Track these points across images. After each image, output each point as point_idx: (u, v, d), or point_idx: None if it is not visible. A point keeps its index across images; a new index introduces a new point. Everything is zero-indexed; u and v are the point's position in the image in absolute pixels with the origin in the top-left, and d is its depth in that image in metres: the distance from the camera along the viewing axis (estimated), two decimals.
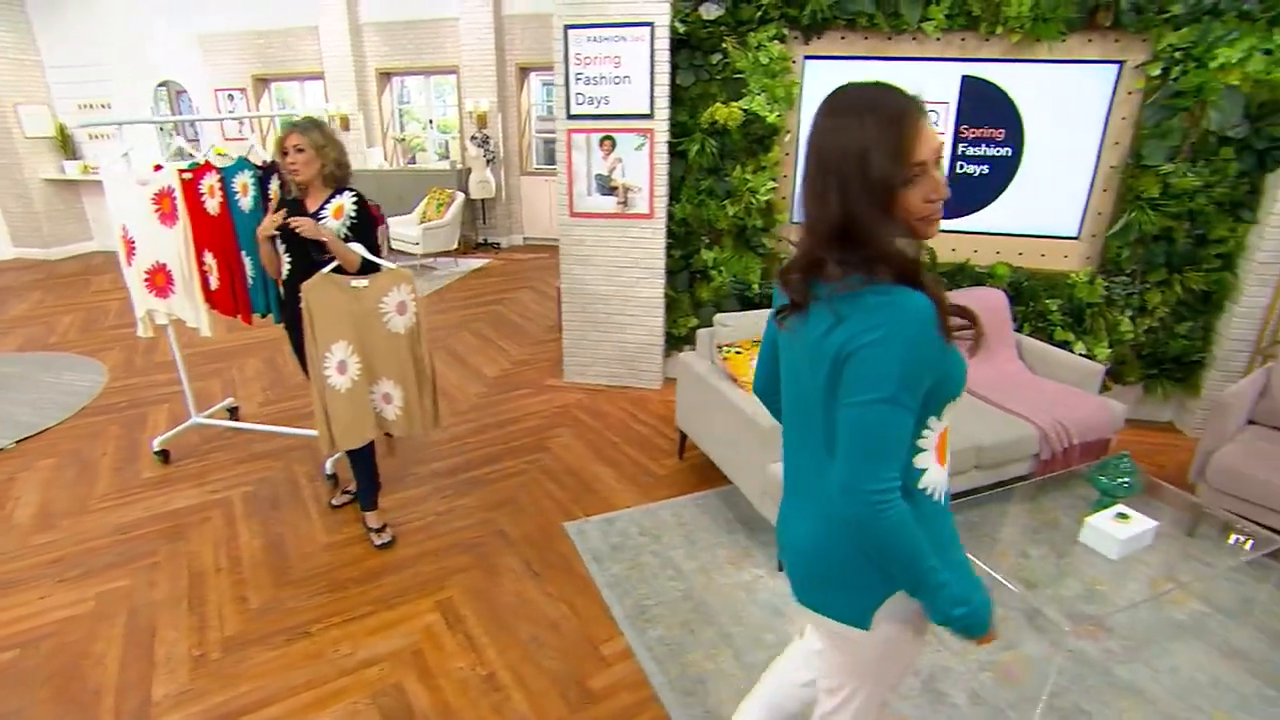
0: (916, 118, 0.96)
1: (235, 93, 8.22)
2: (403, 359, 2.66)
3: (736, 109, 3.51)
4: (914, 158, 0.95)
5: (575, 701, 1.98)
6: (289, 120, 2.42)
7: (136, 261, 3.06)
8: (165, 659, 2.12)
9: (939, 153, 0.98)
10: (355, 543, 2.69)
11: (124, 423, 3.68)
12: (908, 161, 0.95)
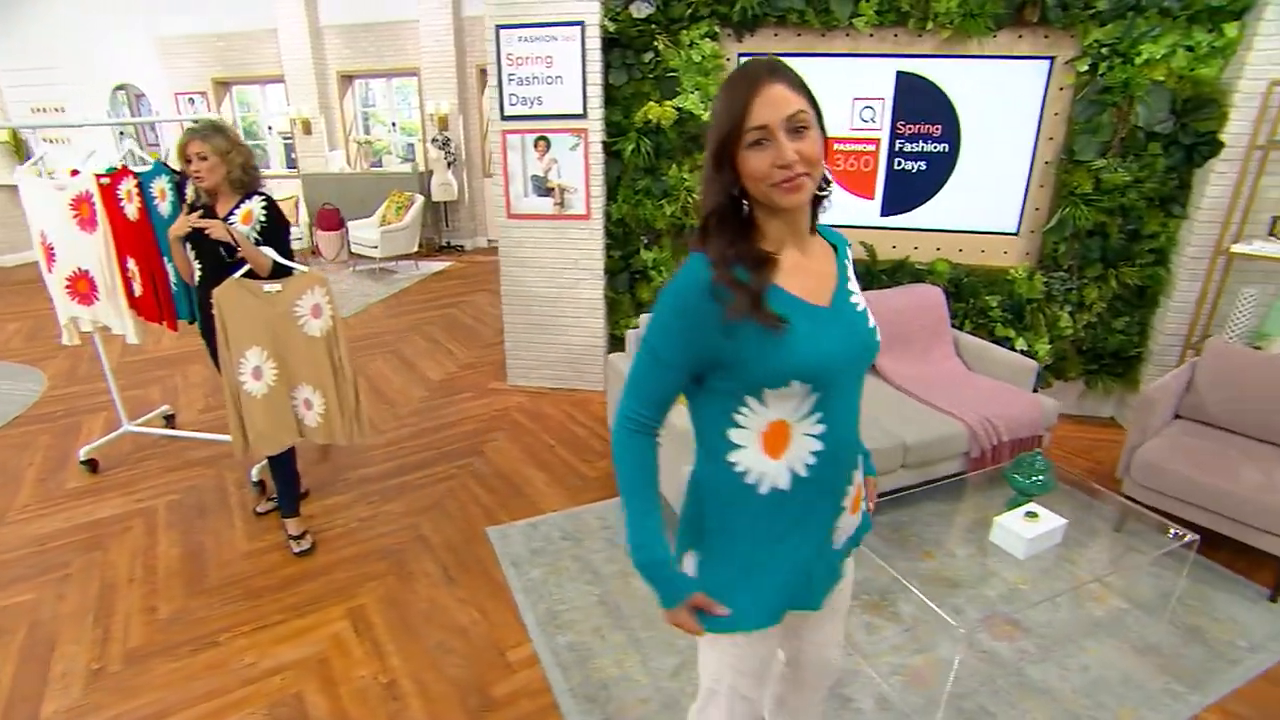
0: (762, 83, 0.95)
1: (196, 96, 8.17)
2: (320, 363, 2.64)
3: (670, 107, 3.51)
4: (753, 121, 0.95)
5: (474, 709, 1.97)
6: (190, 127, 2.39)
7: (57, 268, 3.02)
8: (61, 674, 2.10)
9: (794, 122, 0.95)
10: (275, 550, 2.67)
11: (57, 432, 3.65)
12: (745, 124, 0.95)
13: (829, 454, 1.06)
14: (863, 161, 3.64)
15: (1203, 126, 3.15)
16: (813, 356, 1.00)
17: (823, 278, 1.08)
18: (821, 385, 1.02)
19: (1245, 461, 2.60)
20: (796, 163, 0.95)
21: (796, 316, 1.00)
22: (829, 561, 1.18)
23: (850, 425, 1.11)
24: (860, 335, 1.08)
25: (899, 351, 3.29)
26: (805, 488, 1.07)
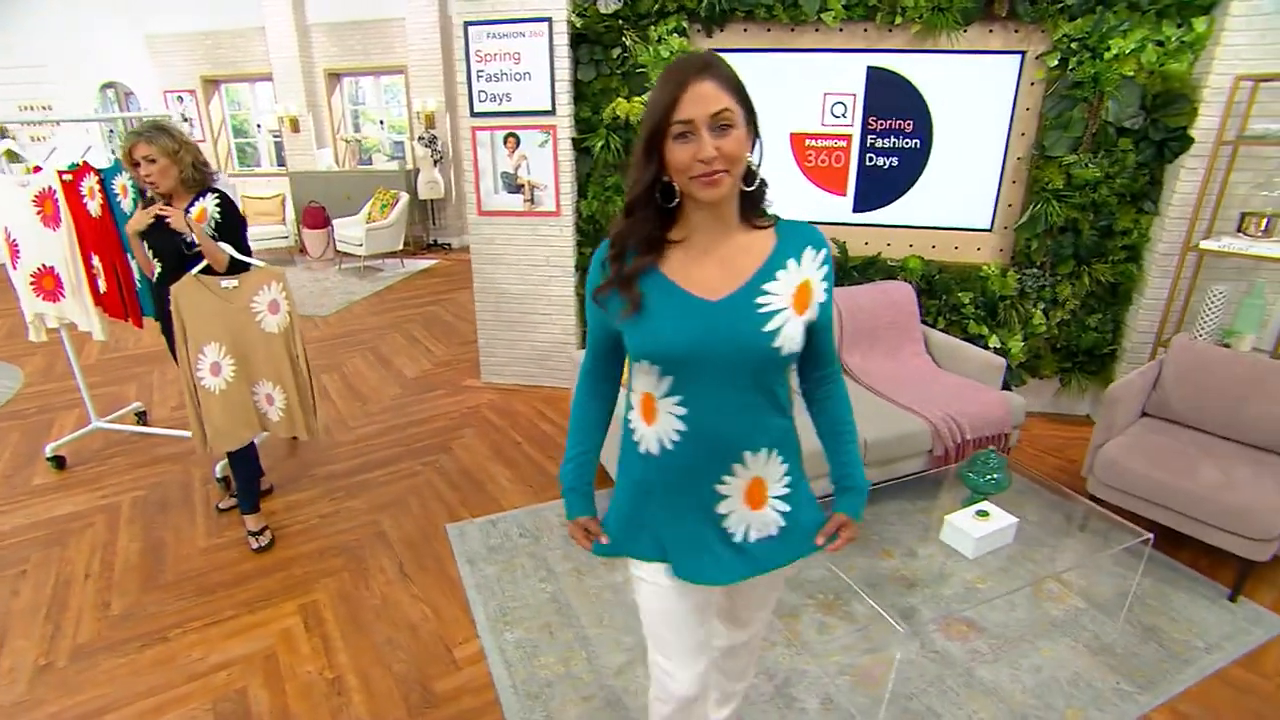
0: (691, 80, 1.00)
1: (185, 94, 8.20)
2: (279, 359, 2.65)
3: (639, 103, 3.50)
4: (679, 115, 1.00)
5: (416, 705, 1.98)
6: (133, 129, 2.38)
7: (21, 265, 3.04)
8: (8, 669, 2.11)
9: (719, 119, 1.00)
10: (234, 546, 2.69)
11: (27, 429, 3.67)
12: (671, 117, 1.00)
13: (693, 437, 1.13)
14: (834, 157, 3.64)
15: (1173, 122, 3.13)
16: (660, 341, 1.09)
17: (733, 272, 1.11)
18: (672, 370, 1.10)
19: (1205, 459, 2.59)
20: (715, 159, 1.00)
21: (663, 302, 1.09)
22: (724, 543, 1.20)
23: (725, 419, 1.12)
24: (739, 335, 1.08)
25: (866, 349, 3.28)
26: (671, 460, 1.16)
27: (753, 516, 1.20)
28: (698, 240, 1.11)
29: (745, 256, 1.12)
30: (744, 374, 1.11)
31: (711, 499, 1.18)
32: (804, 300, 1.12)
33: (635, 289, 1.08)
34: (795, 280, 1.12)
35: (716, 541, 1.20)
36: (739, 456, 1.15)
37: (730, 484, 1.17)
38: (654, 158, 1.05)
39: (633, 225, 1.10)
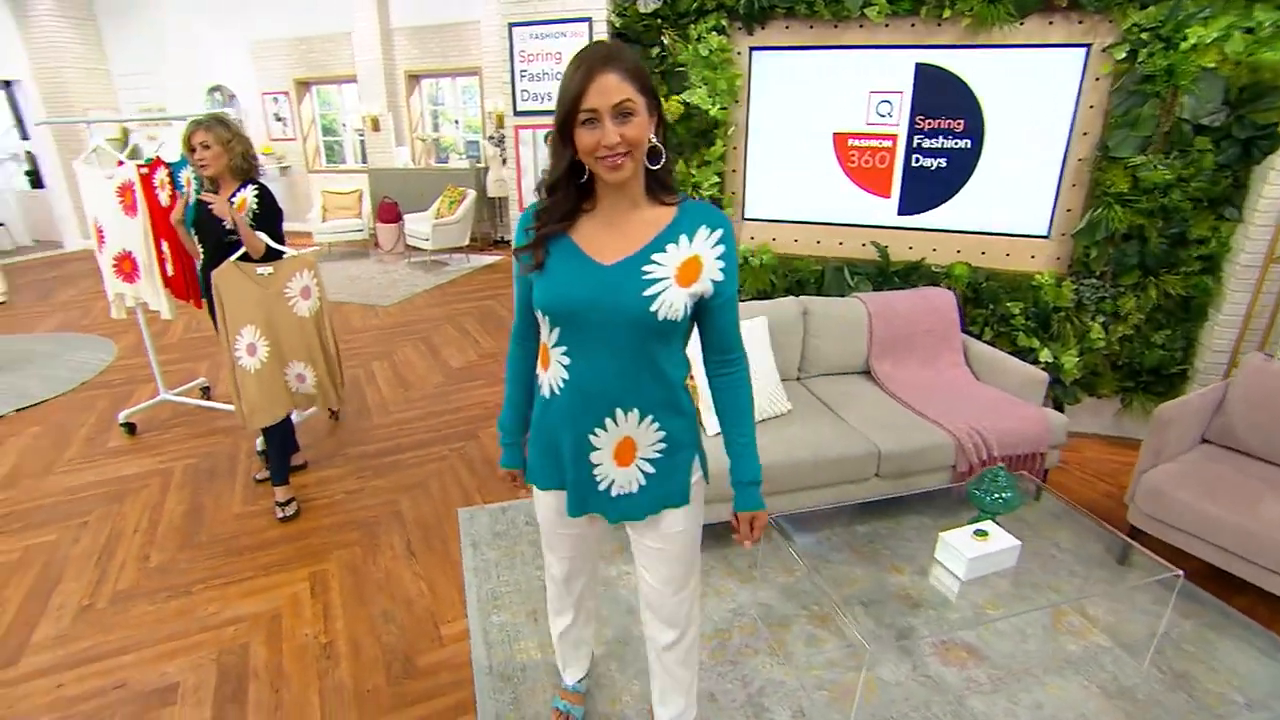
0: (596, 72, 1.12)
1: (280, 95, 8.89)
2: (310, 341, 2.86)
3: (675, 102, 3.53)
4: (585, 104, 1.12)
5: (396, 675, 2.09)
6: (195, 118, 2.65)
7: (106, 249, 3.42)
8: (58, 606, 2.39)
9: (621, 109, 1.13)
10: (263, 514, 2.91)
11: (112, 397, 4.11)
12: (579, 106, 1.13)
13: (574, 388, 1.30)
14: (879, 158, 3.53)
15: (1262, 118, 2.86)
16: (552, 295, 1.25)
17: (627, 241, 1.24)
18: (560, 322, 1.27)
19: (1271, 495, 2.36)
20: (618, 145, 1.14)
21: (564, 263, 1.25)
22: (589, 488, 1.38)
23: (603, 374, 1.27)
24: (621, 297, 1.22)
25: (900, 356, 3.18)
26: (555, 404, 1.34)
27: (617, 473, 1.36)
28: (605, 211, 1.26)
29: (642, 228, 1.25)
30: (622, 333, 1.23)
31: (586, 447, 1.34)
32: (689, 274, 1.23)
33: (541, 251, 1.25)
34: (683, 254, 1.23)
35: (587, 484, 1.38)
36: (610, 412, 1.30)
37: (601, 437, 1.32)
38: (567, 142, 1.18)
39: (555, 203, 1.26)
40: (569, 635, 1.82)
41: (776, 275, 3.74)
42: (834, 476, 2.61)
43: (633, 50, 1.21)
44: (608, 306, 1.22)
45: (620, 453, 1.33)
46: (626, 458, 1.34)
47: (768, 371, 2.81)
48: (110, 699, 2.01)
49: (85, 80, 7.65)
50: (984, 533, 2.12)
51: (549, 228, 1.25)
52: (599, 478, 1.36)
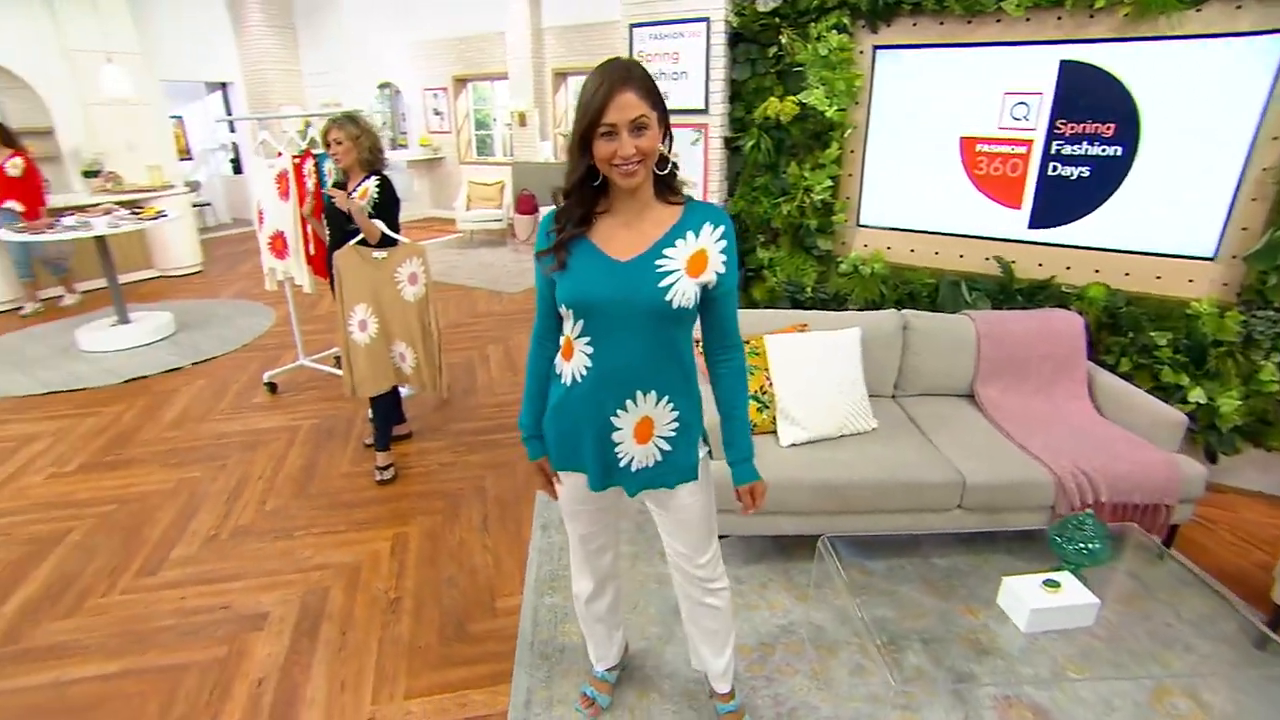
0: (615, 90, 1.25)
1: (439, 91, 9.68)
2: (411, 324, 3.14)
3: (791, 103, 3.48)
4: (605, 119, 1.26)
5: (448, 636, 2.27)
6: (331, 116, 2.99)
7: (264, 228, 3.94)
8: (192, 532, 2.82)
9: (637, 123, 1.26)
10: (365, 475, 3.24)
11: (264, 359, 4.72)
12: (599, 120, 1.26)
13: (596, 374, 1.42)
14: (1010, 165, 3.28)
15: None
16: (576, 291, 1.38)
17: (641, 239, 1.38)
18: (583, 315, 1.40)
19: None
20: (632, 156, 1.28)
21: (585, 261, 1.38)
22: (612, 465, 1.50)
23: (624, 360, 1.40)
24: (639, 289, 1.35)
25: (1008, 382, 2.94)
26: (577, 390, 1.46)
27: (637, 450, 1.49)
28: (619, 213, 1.40)
29: (654, 227, 1.39)
30: (640, 322, 1.37)
31: (609, 427, 1.46)
32: (698, 266, 1.36)
33: (564, 252, 1.39)
34: (691, 249, 1.37)
35: (610, 461, 1.50)
36: (631, 394, 1.43)
37: (623, 417, 1.45)
38: (585, 151, 1.31)
39: (571, 205, 1.39)
40: (592, 608, 1.89)
41: (887, 286, 3.58)
42: (910, 502, 2.48)
43: (645, 69, 1.30)
44: (627, 298, 1.35)
45: (640, 431, 1.47)
46: (645, 435, 1.48)
47: (853, 385, 2.71)
48: (216, 616, 2.35)
49: (281, 80, 8.77)
50: (1055, 584, 1.93)
51: (569, 232, 1.38)
52: (621, 455, 1.49)
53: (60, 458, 3.45)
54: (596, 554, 1.78)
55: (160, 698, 2.04)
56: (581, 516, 1.69)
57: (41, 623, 2.35)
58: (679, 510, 1.60)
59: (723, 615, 1.77)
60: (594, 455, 1.49)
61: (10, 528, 2.89)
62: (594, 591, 1.84)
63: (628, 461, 1.50)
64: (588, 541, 1.75)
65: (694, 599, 1.76)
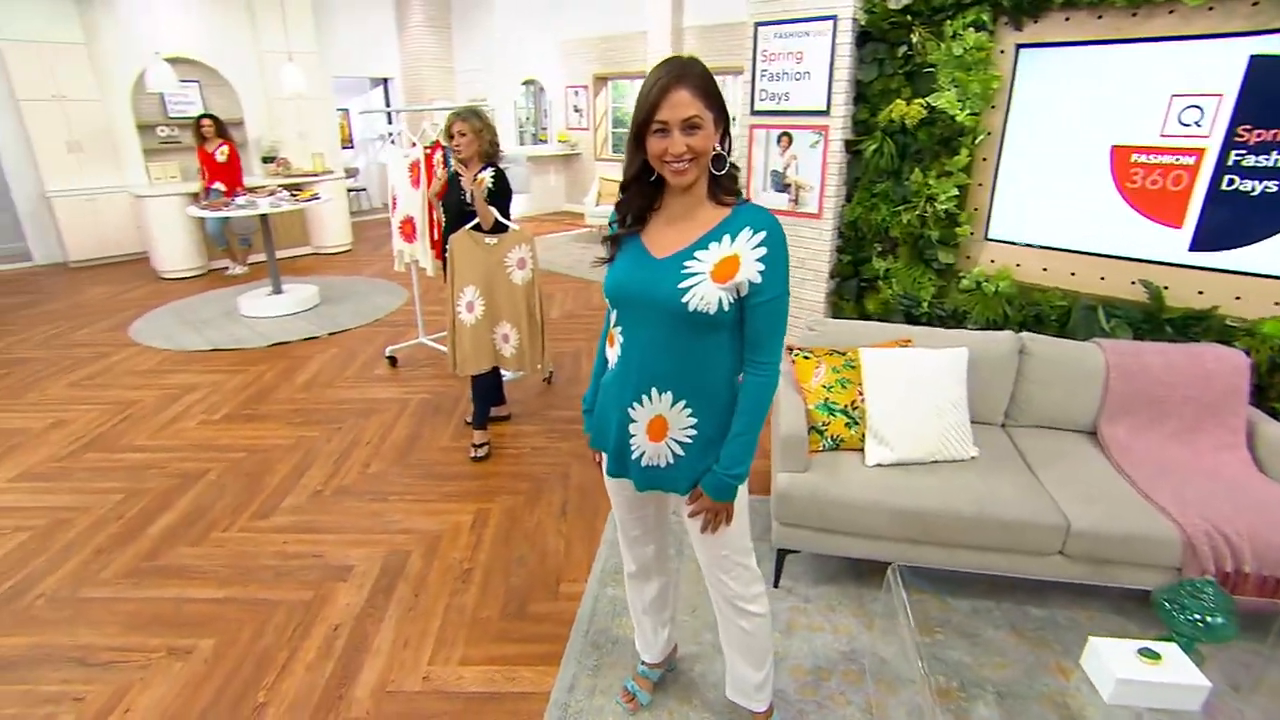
0: (670, 89, 1.28)
1: (580, 89, 10.04)
2: (518, 307, 3.30)
3: (919, 105, 3.32)
4: (658, 117, 1.29)
5: (509, 614, 2.38)
6: (455, 110, 3.20)
7: (396, 213, 4.29)
8: (303, 486, 3.14)
9: (689, 122, 1.28)
10: (461, 451, 3.45)
11: (390, 335, 5.14)
12: (652, 118, 1.29)
13: (623, 363, 1.48)
14: (1171, 178, 2.94)
15: None
16: (611, 283, 1.46)
17: (681, 238, 1.40)
18: (616, 306, 1.49)
19: None
20: (684, 154, 1.30)
21: (627, 256, 1.44)
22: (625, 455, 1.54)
23: (643, 355, 1.44)
24: (659, 286, 1.37)
25: (1142, 422, 2.64)
26: (613, 377, 1.53)
27: (649, 446, 1.51)
28: (670, 210, 1.43)
29: (695, 227, 1.39)
30: (660, 320, 1.39)
31: (626, 417, 1.50)
32: (725, 272, 1.34)
33: (615, 247, 1.47)
34: (722, 253, 1.35)
35: (624, 449, 1.54)
36: (647, 390, 1.45)
37: (638, 410, 1.48)
38: (640, 147, 1.35)
39: (629, 199, 1.44)
40: (638, 590, 1.92)
41: (1012, 307, 3.33)
42: (1003, 541, 2.30)
43: (703, 65, 1.31)
44: (649, 294, 1.39)
45: (653, 428, 1.49)
46: (659, 434, 1.49)
47: (953, 409, 2.55)
48: (309, 563, 2.61)
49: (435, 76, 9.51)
50: (1155, 655, 1.72)
51: (624, 230, 1.45)
52: (634, 447, 1.53)
53: (211, 406, 3.95)
54: (635, 542, 1.82)
55: (253, 627, 2.30)
56: (617, 501, 1.75)
57: (176, 546, 2.72)
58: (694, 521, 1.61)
59: (755, 640, 1.75)
60: (614, 440, 1.55)
61: (166, 462, 3.35)
62: (637, 573, 1.89)
63: (639, 455, 1.52)
64: (625, 528, 1.80)
65: (726, 616, 1.76)
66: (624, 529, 1.81)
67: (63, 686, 2.08)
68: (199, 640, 2.24)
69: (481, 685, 2.07)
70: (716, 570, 1.68)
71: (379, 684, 2.07)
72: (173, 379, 4.37)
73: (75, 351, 4.88)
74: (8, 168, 7.15)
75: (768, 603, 1.76)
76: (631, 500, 1.71)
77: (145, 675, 2.11)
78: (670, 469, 1.52)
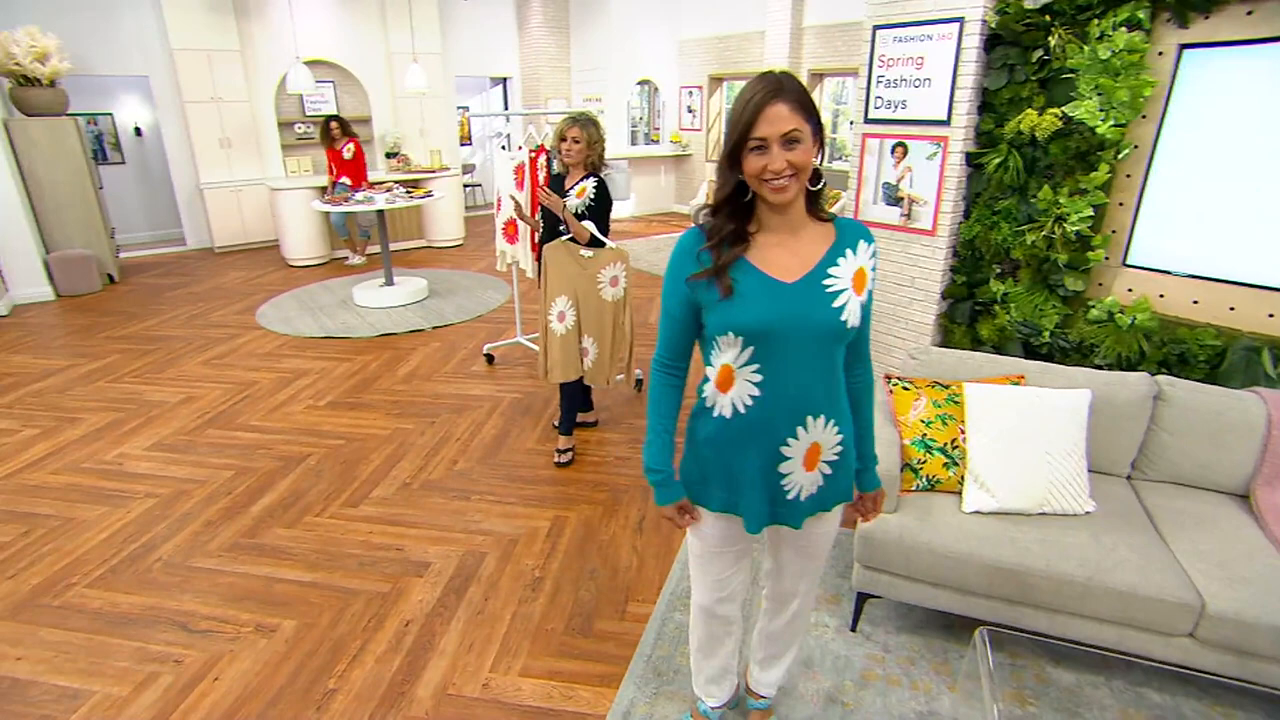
0: (767, 104, 1.24)
1: (695, 89, 10.01)
2: (605, 322, 3.31)
3: (1053, 116, 3.05)
4: (756, 133, 1.25)
5: (574, 629, 2.39)
6: (571, 115, 3.23)
7: (500, 214, 4.42)
8: (393, 477, 3.29)
9: (789, 137, 1.24)
10: (546, 455, 3.52)
11: (490, 331, 5.31)
12: (750, 134, 1.25)
13: (767, 401, 1.38)
14: None
15: None
16: (748, 317, 1.33)
17: (802, 259, 1.36)
18: (754, 341, 1.35)
19: None
20: (784, 170, 1.26)
21: (751, 285, 1.34)
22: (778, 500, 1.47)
23: (796, 385, 1.37)
24: (811, 311, 1.34)
25: None
26: (739, 423, 1.42)
27: (805, 477, 1.47)
28: (772, 231, 1.37)
29: (811, 246, 1.37)
30: (813, 345, 1.36)
31: (776, 459, 1.43)
32: (861, 283, 1.38)
33: (728, 276, 1.34)
34: (854, 266, 1.38)
35: (775, 496, 1.47)
36: (803, 420, 1.40)
37: (793, 446, 1.42)
38: (735, 165, 1.31)
39: (722, 221, 1.37)
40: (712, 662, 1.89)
41: (1150, 343, 3.00)
42: (1119, 613, 2.06)
43: (799, 80, 1.25)
44: (800, 321, 1.34)
45: (809, 458, 1.45)
46: (813, 462, 1.46)
47: (1068, 456, 2.32)
48: (390, 555, 2.73)
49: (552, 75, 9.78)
50: None
51: (731, 253, 1.34)
52: (788, 487, 1.47)
53: (319, 393, 4.23)
54: (723, 584, 1.67)
55: (332, 613, 2.42)
56: (723, 560, 1.62)
57: (273, 527, 2.92)
58: (812, 536, 1.61)
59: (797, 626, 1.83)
60: (759, 492, 1.45)
61: (273, 444, 3.62)
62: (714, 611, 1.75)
63: (796, 493, 1.47)
64: (717, 567, 1.64)
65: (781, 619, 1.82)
66: (714, 567, 1.64)
67: (166, 648, 2.28)
68: (283, 620, 2.40)
69: (539, 699, 2.09)
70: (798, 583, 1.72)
71: (441, 685, 2.14)
72: (288, 363, 4.72)
73: (210, 332, 5.37)
74: (172, 162, 7.98)
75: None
76: (741, 551, 1.63)
77: (235, 648, 2.27)
78: (823, 489, 1.51)
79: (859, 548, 2.30)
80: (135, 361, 4.78)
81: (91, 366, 4.69)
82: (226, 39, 7.55)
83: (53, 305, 6.18)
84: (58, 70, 6.29)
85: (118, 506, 3.07)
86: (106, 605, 2.47)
